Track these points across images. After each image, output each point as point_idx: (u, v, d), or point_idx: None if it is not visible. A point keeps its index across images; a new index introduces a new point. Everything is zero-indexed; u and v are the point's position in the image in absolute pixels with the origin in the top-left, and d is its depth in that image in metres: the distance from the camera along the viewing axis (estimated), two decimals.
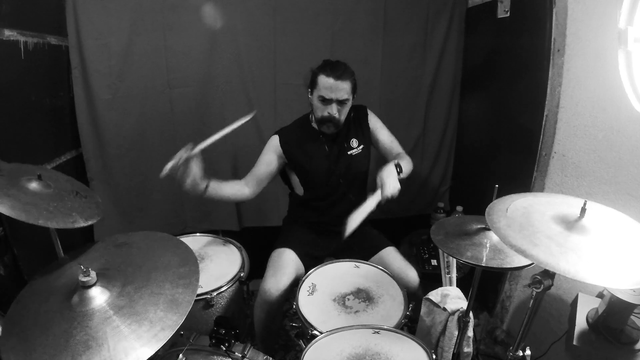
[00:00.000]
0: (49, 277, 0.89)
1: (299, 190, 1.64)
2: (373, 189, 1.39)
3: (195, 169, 1.32)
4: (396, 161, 1.42)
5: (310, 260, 1.48)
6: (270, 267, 1.48)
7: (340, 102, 1.43)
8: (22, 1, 1.38)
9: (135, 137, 1.86)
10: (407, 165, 1.49)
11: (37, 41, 1.46)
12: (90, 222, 0.97)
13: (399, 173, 1.39)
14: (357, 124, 1.60)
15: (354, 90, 1.46)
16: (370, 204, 1.30)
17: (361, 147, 1.58)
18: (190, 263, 0.90)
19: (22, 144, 1.40)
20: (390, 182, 1.32)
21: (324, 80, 1.40)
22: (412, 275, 1.45)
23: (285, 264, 1.47)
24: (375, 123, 1.62)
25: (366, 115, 1.61)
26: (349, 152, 1.56)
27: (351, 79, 1.43)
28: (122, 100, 1.79)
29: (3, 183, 0.92)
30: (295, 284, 1.42)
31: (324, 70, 1.41)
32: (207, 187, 1.39)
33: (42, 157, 1.52)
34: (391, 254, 1.53)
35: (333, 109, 1.43)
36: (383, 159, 1.65)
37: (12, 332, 0.75)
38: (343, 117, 1.47)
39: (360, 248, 1.56)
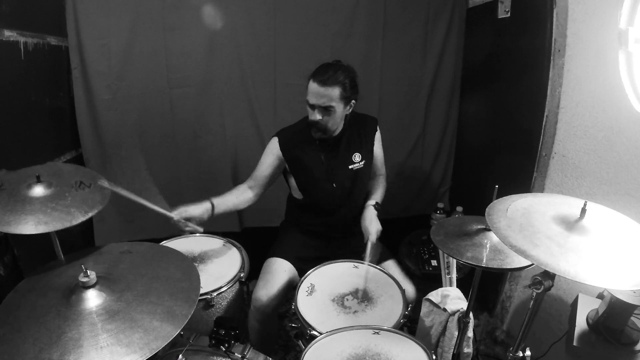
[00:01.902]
0: (50, 273, 0.90)
1: (297, 193, 1.63)
2: None
3: (194, 211, 1.35)
4: (373, 202, 1.55)
5: (306, 266, 1.47)
6: (262, 277, 1.47)
7: (324, 109, 1.37)
8: (22, 1, 1.38)
9: (135, 137, 1.86)
10: (382, 193, 1.64)
11: (37, 41, 1.46)
12: (90, 214, 0.93)
13: (378, 210, 1.53)
14: (363, 136, 1.56)
15: (345, 96, 1.38)
16: (368, 251, 1.42)
17: (363, 162, 1.54)
18: (192, 279, 0.89)
19: (23, 145, 1.40)
20: (373, 226, 1.46)
21: (311, 85, 1.36)
22: (409, 290, 1.45)
23: (277, 272, 1.46)
24: (379, 141, 1.62)
25: (375, 130, 1.59)
26: (350, 167, 1.53)
27: (340, 85, 1.35)
28: (122, 101, 1.79)
29: (3, 198, 0.92)
30: (288, 292, 1.41)
31: (314, 74, 1.37)
32: (213, 209, 1.40)
33: (43, 157, 1.51)
34: (390, 268, 1.52)
35: (315, 115, 1.38)
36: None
37: (6, 321, 0.76)
38: (331, 124, 1.42)
39: (361, 258, 1.55)
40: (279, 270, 1.48)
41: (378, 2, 1.93)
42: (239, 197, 1.52)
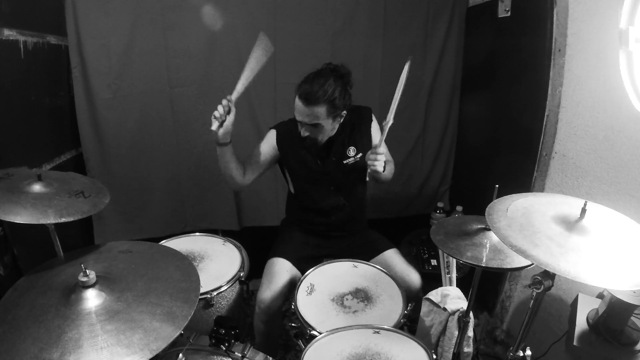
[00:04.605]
0: (50, 272, 0.90)
1: (294, 189, 1.63)
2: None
3: (232, 117, 1.30)
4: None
5: (307, 265, 1.47)
6: (265, 278, 1.46)
7: (312, 126, 1.36)
8: (22, 1, 1.38)
9: (136, 136, 1.86)
10: (391, 168, 1.53)
11: (37, 41, 1.46)
12: (63, 220, 0.89)
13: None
14: (357, 129, 1.53)
15: (332, 112, 1.34)
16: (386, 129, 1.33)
17: (359, 155, 1.51)
18: (192, 279, 0.89)
19: (22, 144, 1.40)
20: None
21: (296, 101, 1.34)
22: (414, 277, 1.45)
23: (279, 273, 1.46)
24: (377, 131, 1.57)
25: (370, 120, 1.55)
26: (344, 162, 1.50)
27: (326, 102, 1.30)
28: (122, 100, 1.78)
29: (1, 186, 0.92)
30: (291, 291, 1.41)
31: (300, 88, 1.33)
32: (230, 142, 1.37)
33: (43, 156, 1.51)
34: (393, 257, 1.52)
35: (303, 131, 1.38)
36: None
37: (5, 320, 0.75)
38: (321, 137, 1.41)
39: (362, 250, 1.55)
40: (281, 271, 1.47)
41: (378, 2, 1.92)
42: (238, 163, 1.47)
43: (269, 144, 1.52)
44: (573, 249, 0.76)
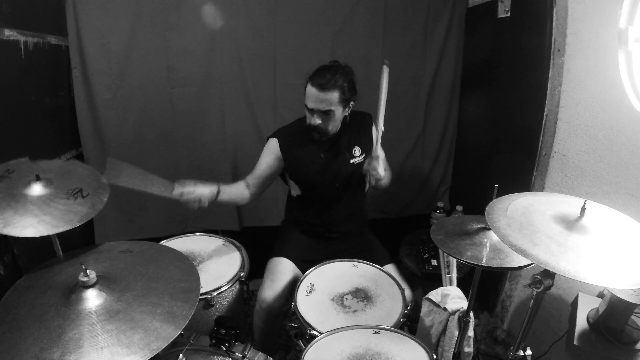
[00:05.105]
0: (50, 271, 0.90)
1: (295, 191, 1.63)
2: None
3: (197, 191, 1.36)
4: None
5: (308, 266, 1.47)
6: (267, 277, 1.47)
7: (324, 113, 1.37)
8: (22, 1, 1.38)
9: (136, 136, 1.86)
10: (388, 175, 1.53)
11: (37, 41, 1.46)
12: (58, 230, 0.90)
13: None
14: (360, 131, 1.55)
15: (344, 99, 1.38)
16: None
17: (363, 155, 1.53)
18: (192, 279, 0.89)
19: (23, 144, 1.40)
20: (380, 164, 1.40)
21: (309, 89, 1.36)
22: (406, 293, 1.44)
23: (282, 273, 1.47)
24: (375, 136, 1.58)
25: (371, 125, 1.57)
26: (351, 161, 1.52)
27: (339, 89, 1.35)
28: (123, 100, 1.79)
29: (2, 188, 0.92)
30: (293, 291, 1.41)
31: (312, 78, 1.36)
32: (217, 195, 1.40)
33: (43, 156, 1.49)
34: (390, 272, 1.52)
35: (315, 119, 1.39)
36: None
37: (5, 319, 0.75)
38: (331, 127, 1.42)
39: (361, 257, 1.54)
40: (284, 271, 1.48)
41: (378, 2, 1.93)
42: (239, 191, 1.52)
43: (271, 154, 1.52)
44: (573, 248, 0.76)
